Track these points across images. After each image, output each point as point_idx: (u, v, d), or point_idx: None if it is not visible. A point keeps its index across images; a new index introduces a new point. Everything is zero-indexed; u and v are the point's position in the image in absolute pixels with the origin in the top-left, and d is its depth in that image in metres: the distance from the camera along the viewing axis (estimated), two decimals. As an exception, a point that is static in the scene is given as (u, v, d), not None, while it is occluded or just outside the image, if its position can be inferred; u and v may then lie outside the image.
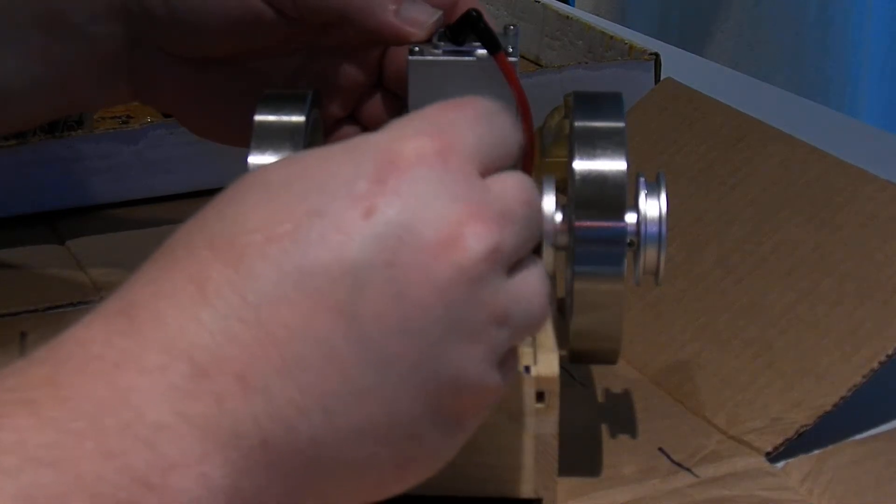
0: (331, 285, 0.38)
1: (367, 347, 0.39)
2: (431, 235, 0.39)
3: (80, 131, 0.81)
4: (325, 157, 0.41)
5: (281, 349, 0.38)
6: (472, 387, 0.41)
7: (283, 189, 0.40)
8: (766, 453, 0.58)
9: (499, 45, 0.55)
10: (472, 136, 0.42)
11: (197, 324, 0.38)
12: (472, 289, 0.40)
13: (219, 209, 0.41)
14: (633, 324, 0.65)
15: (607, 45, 0.94)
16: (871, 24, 2.03)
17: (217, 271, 0.39)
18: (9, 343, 0.65)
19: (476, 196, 0.41)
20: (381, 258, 0.39)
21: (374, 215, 0.39)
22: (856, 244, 0.64)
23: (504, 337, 0.41)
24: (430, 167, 0.40)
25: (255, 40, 0.61)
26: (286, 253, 0.39)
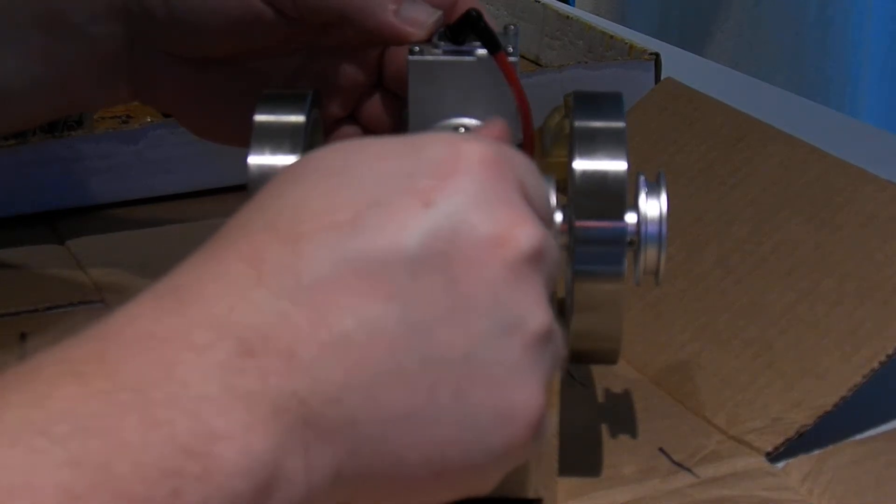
0: (386, 271, 0.39)
1: (416, 332, 0.40)
2: (485, 230, 0.41)
3: (80, 131, 0.81)
4: (389, 148, 0.42)
5: (330, 327, 0.39)
6: (523, 393, 0.41)
7: (344, 176, 0.41)
8: (767, 453, 0.58)
9: (499, 45, 0.55)
10: (524, 170, 0.44)
11: (247, 303, 0.39)
12: (522, 286, 0.41)
13: (277, 193, 0.42)
14: (633, 324, 0.65)
15: (607, 45, 0.94)
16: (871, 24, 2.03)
17: (273, 252, 0.39)
18: (9, 343, 0.65)
19: (525, 207, 0.42)
20: (435, 248, 0.40)
21: (432, 207, 0.40)
22: (856, 244, 0.64)
23: (551, 352, 0.42)
24: (489, 173, 0.42)
25: (255, 40, 0.61)
26: (345, 239, 0.40)
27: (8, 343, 0.65)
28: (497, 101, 0.57)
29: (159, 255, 0.76)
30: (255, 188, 0.53)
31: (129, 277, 0.73)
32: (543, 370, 0.42)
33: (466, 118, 0.57)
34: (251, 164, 0.54)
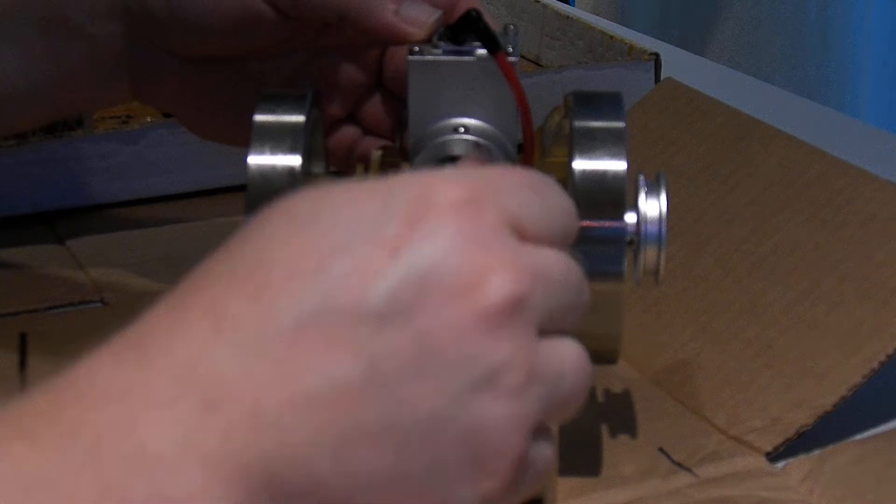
0: (350, 325, 0.38)
1: (382, 388, 0.38)
2: (454, 280, 0.39)
3: (80, 131, 0.81)
4: (356, 193, 0.41)
5: (295, 385, 0.37)
6: (494, 442, 0.39)
7: (310, 222, 0.40)
8: (767, 453, 0.58)
9: (499, 45, 0.55)
10: (514, 198, 0.41)
11: (209, 357, 0.37)
12: (492, 336, 0.39)
13: (242, 241, 0.40)
14: (633, 324, 0.65)
15: (607, 45, 0.94)
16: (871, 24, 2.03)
17: (235, 303, 0.38)
18: (9, 343, 0.65)
19: (506, 249, 0.40)
20: (401, 299, 0.38)
21: (399, 257, 0.39)
22: (856, 244, 0.64)
23: (532, 396, 0.40)
24: (461, 217, 0.40)
25: (255, 40, 0.61)
26: (307, 289, 0.38)
27: (8, 343, 0.65)
28: (497, 101, 0.57)
29: (159, 255, 0.76)
30: (255, 188, 0.53)
31: (129, 277, 0.73)
32: (522, 418, 0.40)
33: (466, 118, 0.57)
34: (251, 163, 0.54)
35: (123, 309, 0.70)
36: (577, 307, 0.42)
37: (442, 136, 0.57)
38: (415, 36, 0.58)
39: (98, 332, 0.68)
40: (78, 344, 0.66)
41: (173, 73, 0.63)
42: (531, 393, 0.40)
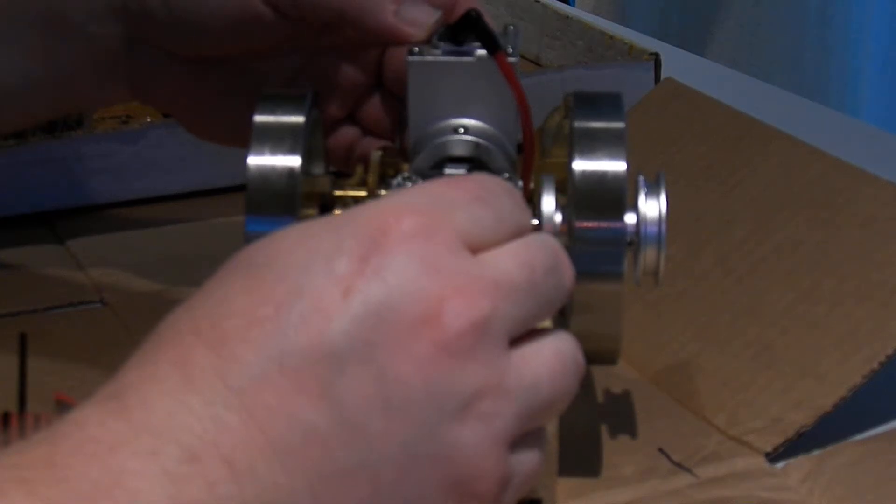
0: (311, 367, 0.39)
1: (351, 428, 0.39)
2: (411, 312, 0.39)
3: (79, 131, 0.81)
4: (308, 233, 0.41)
5: (265, 432, 0.38)
6: (470, 468, 0.40)
7: (266, 269, 0.40)
8: (766, 454, 0.58)
9: (499, 46, 0.55)
10: (465, 214, 0.42)
11: (184, 408, 0.38)
12: (456, 364, 0.39)
13: (205, 293, 0.41)
14: (633, 324, 0.65)
15: (607, 45, 0.94)
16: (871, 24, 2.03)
17: (200, 356, 0.39)
18: (9, 343, 0.65)
19: (461, 270, 0.40)
20: (360, 337, 0.39)
21: (353, 295, 0.39)
22: (856, 244, 0.64)
23: (506, 414, 0.40)
24: (413, 244, 0.40)
25: (254, 40, 0.61)
26: (267, 336, 0.39)
27: (8, 343, 0.65)
28: (497, 102, 0.57)
29: (159, 255, 0.76)
30: (255, 188, 0.53)
31: (129, 277, 0.73)
32: (498, 436, 0.40)
33: (466, 118, 0.57)
34: (251, 164, 0.54)
35: (123, 309, 0.70)
36: (557, 292, 0.43)
37: (442, 137, 0.57)
38: (415, 36, 0.58)
39: (98, 332, 0.68)
40: (78, 344, 0.67)
41: (172, 74, 0.63)
42: (504, 412, 0.40)
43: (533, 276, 0.42)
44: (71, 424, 0.38)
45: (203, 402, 0.38)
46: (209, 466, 0.37)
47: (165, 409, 0.38)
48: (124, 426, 0.38)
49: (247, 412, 0.38)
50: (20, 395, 0.60)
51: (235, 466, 0.38)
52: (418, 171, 0.56)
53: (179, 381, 0.39)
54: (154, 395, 0.38)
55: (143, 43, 0.63)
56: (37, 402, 0.59)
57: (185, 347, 0.39)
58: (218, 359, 0.39)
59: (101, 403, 0.39)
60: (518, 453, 0.41)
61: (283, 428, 0.38)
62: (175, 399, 0.38)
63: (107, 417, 0.38)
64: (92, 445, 0.37)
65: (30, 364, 0.63)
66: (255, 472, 0.38)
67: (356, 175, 0.58)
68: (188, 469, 0.37)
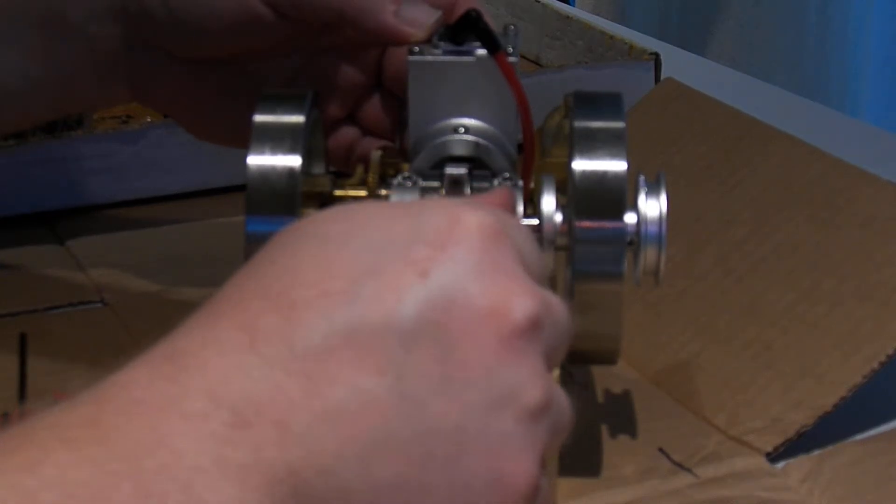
0: (380, 342, 0.39)
1: (409, 403, 0.39)
2: (481, 302, 0.40)
3: (79, 131, 0.81)
4: (387, 215, 0.42)
5: (323, 398, 0.38)
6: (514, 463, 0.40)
7: (341, 244, 0.41)
8: (766, 454, 0.58)
9: (499, 46, 0.55)
10: (521, 237, 0.43)
11: (242, 372, 0.38)
12: (515, 359, 0.40)
13: (272, 259, 0.41)
14: (633, 324, 0.65)
15: (607, 45, 0.94)
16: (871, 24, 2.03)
17: (267, 321, 0.39)
18: (9, 343, 0.65)
19: (524, 277, 0.42)
20: (430, 318, 0.40)
21: (428, 277, 0.40)
22: (856, 244, 0.64)
23: (545, 423, 0.41)
24: (486, 243, 0.41)
25: (254, 41, 0.61)
26: (338, 309, 0.39)
27: (8, 343, 0.65)
28: (497, 102, 0.57)
29: (159, 255, 0.76)
30: (255, 188, 0.53)
31: (129, 277, 0.73)
32: (537, 442, 0.41)
33: (466, 118, 0.57)
34: (251, 164, 0.54)
35: (123, 309, 0.70)
36: (564, 348, 0.44)
37: (442, 137, 0.57)
38: (414, 36, 0.58)
39: (98, 332, 0.68)
40: (78, 344, 0.67)
41: (172, 75, 0.63)
42: (545, 417, 0.41)
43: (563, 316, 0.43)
44: (117, 386, 0.38)
45: (263, 366, 0.38)
46: (259, 429, 0.38)
47: (223, 372, 0.38)
48: (175, 388, 0.38)
49: (308, 379, 0.38)
50: (20, 394, 0.60)
51: (286, 430, 0.38)
52: (418, 170, 0.56)
53: (243, 343, 0.39)
54: (212, 357, 0.39)
55: (143, 44, 0.63)
56: (37, 401, 0.59)
57: (251, 312, 0.40)
58: (286, 324, 0.39)
59: (152, 365, 0.39)
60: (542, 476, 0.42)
61: (342, 395, 0.39)
62: (234, 362, 0.38)
63: (156, 380, 0.38)
64: (139, 406, 0.38)
65: (30, 364, 0.63)
66: (307, 438, 0.38)
67: (356, 175, 0.58)
68: (238, 432, 0.37)
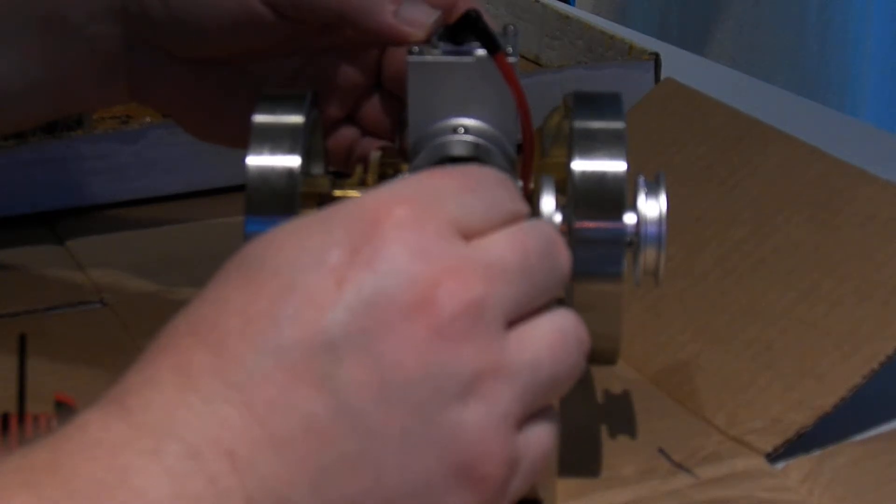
0: (308, 359, 0.39)
1: (350, 417, 0.39)
2: (404, 298, 0.39)
3: (79, 131, 0.81)
4: (299, 228, 0.41)
5: (265, 425, 0.38)
6: (474, 450, 0.40)
7: (259, 267, 0.41)
8: (766, 454, 0.58)
9: (498, 46, 0.55)
10: (455, 201, 0.42)
11: (184, 407, 0.39)
12: (452, 346, 0.40)
13: (202, 296, 0.41)
14: (633, 324, 0.65)
15: (607, 45, 0.94)
16: (871, 24, 2.03)
17: (199, 357, 0.39)
18: (9, 343, 0.65)
19: (453, 255, 0.40)
20: (355, 326, 0.39)
21: (346, 285, 0.39)
22: (856, 244, 0.64)
23: (507, 394, 0.40)
24: (404, 232, 0.40)
25: (253, 41, 0.61)
26: (263, 332, 0.39)
27: (8, 343, 0.65)
28: (497, 102, 0.57)
29: (159, 255, 0.76)
30: (254, 188, 0.53)
31: (129, 277, 0.73)
32: (501, 416, 0.40)
33: (466, 118, 0.57)
34: (250, 164, 0.54)
35: (123, 309, 0.70)
36: (553, 275, 0.43)
37: (441, 137, 0.57)
38: (414, 37, 0.58)
39: (98, 332, 0.68)
40: (78, 344, 0.66)
41: (171, 75, 0.63)
42: (505, 391, 0.40)
43: (526, 259, 0.42)
44: (73, 428, 0.39)
45: (203, 400, 0.39)
46: (210, 461, 0.38)
47: (166, 409, 0.39)
48: (125, 427, 0.38)
49: (246, 407, 0.38)
50: (20, 395, 0.60)
51: (236, 460, 0.38)
52: (418, 171, 0.56)
53: (179, 381, 0.39)
54: (154, 396, 0.39)
55: (143, 44, 0.63)
56: (37, 402, 0.59)
57: (183, 350, 0.40)
58: (216, 358, 0.39)
59: (103, 408, 0.39)
60: (526, 435, 0.41)
61: (283, 420, 0.38)
62: (175, 399, 0.39)
63: (108, 420, 0.39)
64: (94, 447, 0.38)
65: (30, 364, 0.63)
66: (256, 465, 0.38)
67: (356, 175, 0.58)
68: (190, 465, 0.38)
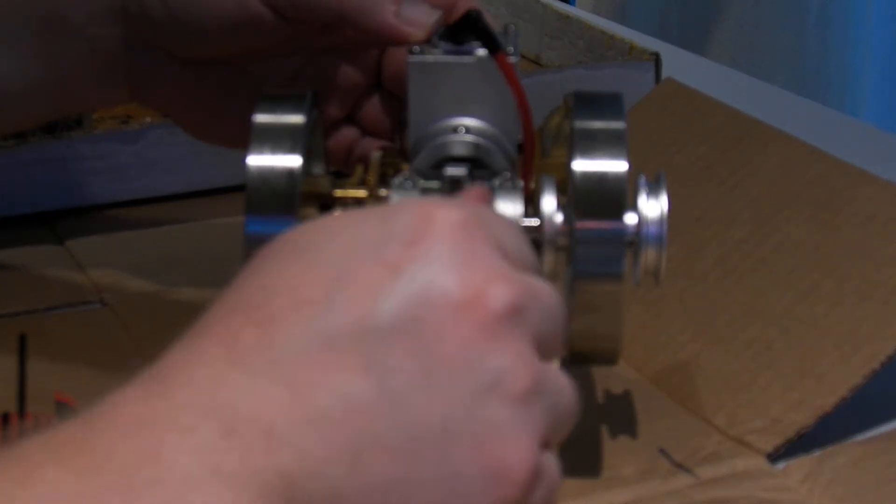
0: (358, 345, 0.39)
1: (393, 401, 0.39)
2: (456, 292, 0.40)
3: (79, 131, 0.81)
4: (356, 220, 0.42)
5: (307, 404, 0.39)
6: (505, 450, 0.40)
7: (314, 253, 0.41)
8: (767, 454, 0.58)
9: (499, 45, 0.55)
10: (499, 227, 0.43)
11: (227, 385, 0.39)
12: (497, 345, 0.40)
13: (250, 275, 0.42)
14: (633, 324, 0.65)
15: (607, 45, 0.94)
16: (872, 24, 2.03)
17: (246, 334, 0.40)
18: (9, 343, 0.65)
19: (500, 265, 0.42)
20: (407, 315, 0.40)
21: (400, 274, 0.40)
22: (856, 244, 0.64)
23: (538, 407, 0.41)
24: (458, 235, 0.41)
25: (253, 42, 0.61)
26: (315, 316, 0.40)
27: (8, 343, 0.65)
28: (497, 102, 0.57)
29: (159, 255, 0.76)
30: (255, 188, 0.53)
31: (129, 278, 0.73)
32: (531, 426, 0.41)
33: (466, 118, 0.57)
34: (250, 164, 0.54)
35: (123, 309, 0.70)
36: (561, 336, 0.44)
37: (442, 137, 0.57)
38: (414, 36, 0.58)
39: (98, 332, 0.68)
40: (78, 344, 0.66)
41: (171, 75, 0.63)
42: (536, 400, 0.41)
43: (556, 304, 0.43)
44: (107, 405, 0.39)
45: (246, 377, 0.39)
46: (247, 439, 0.38)
47: (209, 386, 0.39)
48: (164, 404, 0.38)
49: (289, 385, 0.39)
50: (20, 395, 0.60)
51: (274, 436, 0.38)
52: (418, 171, 0.56)
53: (224, 357, 0.39)
54: (198, 373, 0.39)
55: (143, 44, 0.63)
56: (37, 402, 0.59)
57: (232, 326, 0.40)
58: (264, 335, 0.39)
59: (141, 385, 0.39)
60: (545, 458, 0.42)
61: (326, 399, 0.39)
62: (219, 375, 0.39)
63: (145, 397, 0.39)
64: (128, 422, 0.38)
65: (30, 364, 0.63)
66: (294, 442, 0.38)
67: (356, 175, 0.58)
68: (227, 442, 0.38)
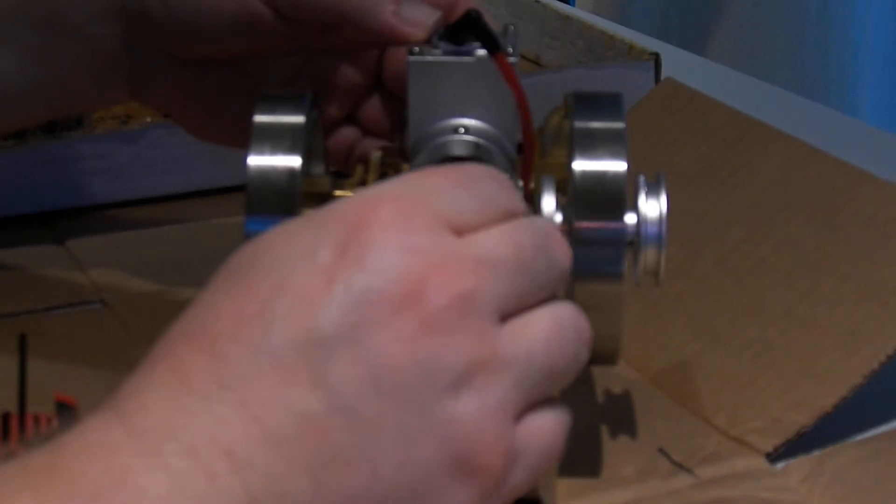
0: (300, 357, 0.39)
1: (345, 412, 0.39)
2: (393, 292, 0.40)
3: (79, 131, 0.81)
4: (288, 230, 0.42)
5: (261, 423, 0.39)
6: (469, 442, 0.40)
7: (249, 269, 0.41)
8: (767, 454, 0.58)
9: (498, 46, 0.55)
10: (445, 198, 0.42)
11: (181, 409, 0.39)
12: (443, 339, 0.40)
13: (197, 303, 0.42)
14: (633, 324, 0.64)
15: (607, 45, 0.94)
16: (872, 24, 2.03)
17: (193, 360, 0.40)
18: (9, 343, 0.65)
19: (442, 249, 0.41)
20: (346, 322, 0.39)
21: (335, 282, 0.40)
22: (856, 244, 0.64)
23: (501, 385, 0.41)
24: (392, 230, 0.41)
25: (253, 41, 0.61)
26: (255, 334, 0.40)
27: (8, 343, 0.65)
28: (497, 102, 0.57)
29: (159, 255, 0.76)
30: (255, 188, 0.53)
31: (129, 278, 0.73)
32: (498, 407, 0.40)
33: (466, 118, 0.57)
34: (251, 164, 0.54)
35: (123, 309, 0.70)
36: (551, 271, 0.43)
37: (442, 137, 0.57)
38: (414, 37, 0.58)
39: (98, 332, 0.68)
40: (78, 344, 0.66)
41: (171, 75, 0.63)
42: (498, 382, 0.41)
43: (520, 253, 0.42)
44: (72, 434, 0.39)
45: (199, 401, 0.39)
46: (209, 460, 0.38)
47: (163, 411, 0.39)
48: (123, 431, 0.39)
49: (241, 406, 0.39)
50: (20, 395, 0.60)
51: (235, 458, 0.38)
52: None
53: (175, 385, 0.39)
54: (151, 400, 0.39)
55: (143, 44, 0.63)
56: (37, 402, 0.59)
57: (178, 354, 0.40)
58: (210, 360, 0.40)
59: (101, 414, 0.40)
60: (527, 426, 0.42)
61: (278, 418, 0.39)
62: (172, 402, 0.39)
63: (107, 425, 0.39)
64: (93, 450, 0.38)
65: (30, 364, 0.63)
66: (255, 462, 0.38)
67: (356, 175, 0.58)
68: (189, 463, 0.38)
